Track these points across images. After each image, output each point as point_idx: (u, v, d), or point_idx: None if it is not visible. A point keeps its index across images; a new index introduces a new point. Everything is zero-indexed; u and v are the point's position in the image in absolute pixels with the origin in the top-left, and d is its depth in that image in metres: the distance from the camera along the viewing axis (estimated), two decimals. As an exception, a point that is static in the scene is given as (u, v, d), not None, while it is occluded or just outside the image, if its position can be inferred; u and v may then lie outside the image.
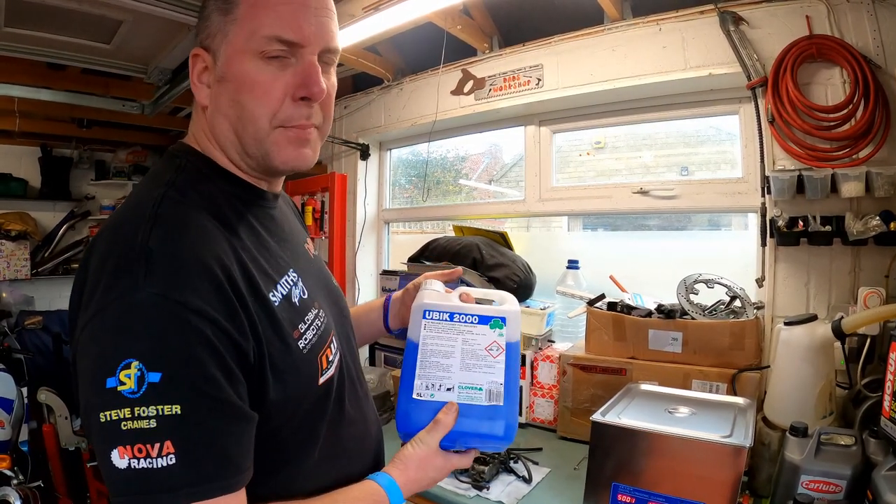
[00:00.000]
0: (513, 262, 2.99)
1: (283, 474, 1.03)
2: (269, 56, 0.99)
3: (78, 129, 5.32)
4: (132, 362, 0.79)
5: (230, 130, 1.04)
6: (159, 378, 0.80)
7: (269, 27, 0.98)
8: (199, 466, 0.82)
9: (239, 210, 1.06)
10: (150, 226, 0.89)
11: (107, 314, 0.83)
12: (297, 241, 1.23)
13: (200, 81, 1.06)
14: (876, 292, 2.02)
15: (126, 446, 0.78)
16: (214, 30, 1.02)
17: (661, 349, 2.27)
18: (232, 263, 0.93)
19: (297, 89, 1.01)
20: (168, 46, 2.99)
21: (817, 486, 1.54)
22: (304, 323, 1.05)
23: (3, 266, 5.25)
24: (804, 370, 1.83)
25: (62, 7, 2.55)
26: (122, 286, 0.84)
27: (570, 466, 2.17)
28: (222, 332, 0.86)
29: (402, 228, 4.37)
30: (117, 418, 0.79)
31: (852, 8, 2.21)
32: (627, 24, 2.75)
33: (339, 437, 1.13)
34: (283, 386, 0.97)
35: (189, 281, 0.86)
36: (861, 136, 2.12)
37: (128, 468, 0.78)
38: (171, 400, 0.80)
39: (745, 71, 2.38)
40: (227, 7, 1.01)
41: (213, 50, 1.03)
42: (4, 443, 3.45)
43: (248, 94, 1.00)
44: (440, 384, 1.19)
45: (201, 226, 0.94)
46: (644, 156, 3.21)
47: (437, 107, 3.46)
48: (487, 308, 1.26)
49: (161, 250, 0.86)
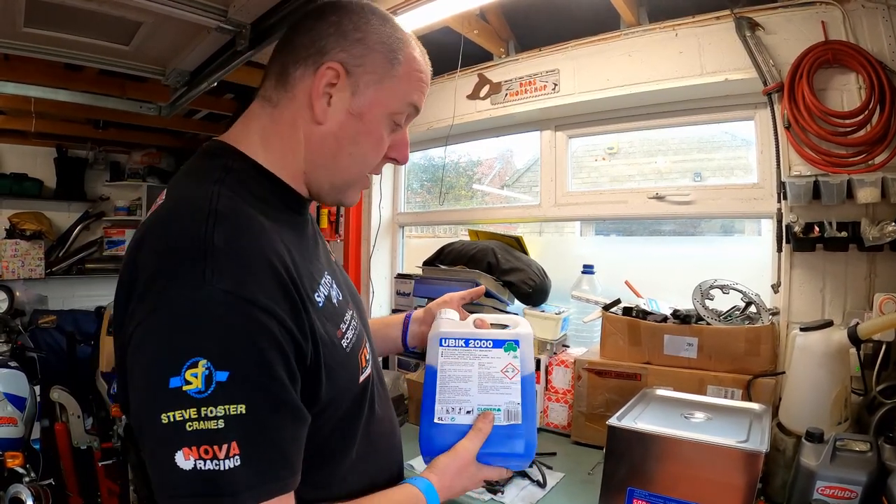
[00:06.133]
0: (528, 267, 2.98)
1: (323, 473, 1.04)
2: (397, 122, 1.10)
3: (93, 130, 5.38)
4: (200, 360, 0.78)
5: (320, 153, 1.08)
6: (227, 377, 0.79)
7: (415, 96, 1.10)
8: (261, 467, 0.81)
9: (284, 212, 1.07)
10: (211, 222, 0.87)
11: (168, 311, 0.82)
12: (325, 247, 1.27)
13: (323, 94, 1.05)
14: (891, 298, 2.02)
15: (192, 447, 0.77)
16: (371, 68, 1.06)
17: (676, 354, 2.27)
18: (289, 262, 0.93)
19: (392, 151, 1.13)
20: (187, 49, 2.99)
21: (832, 491, 1.54)
22: (344, 323, 1.07)
23: (17, 265, 5.29)
24: (820, 376, 1.82)
25: (82, 8, 2.56)
26: (184, 282, 0.82)
27: (585, 471, 2.17)
28: (287, 331, 0.87)
29: (416, 233, 4.37)
30: (182, 419, 0.77)
31: (868, 14, 2.21)
32: (644, 29, 2.76)
33: (371, 435, 1.15)
34: (332, 385, 0.98)
35: (256, 278, 0.85)
36: (877, 142, 2.12)
37: (193, 469, 0.77)
38: (238, 400, 0.79)
39: (761, 76, 2.38)
40: (392, 57, 1.07)
41: (358, 81, 1.05)
42: (17, 440, 3.48)
43: (371, 144, 1.09)
44: (460, 407, 1.23)
45: (260, 223, 0.94)
46: (658, 161, 3.21)
47: (453, 111, 3.47)
48: (501, 332, 1.32)
49: (226, 246, 0.85)
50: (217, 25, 2.54)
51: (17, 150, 5.52)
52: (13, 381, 3.66)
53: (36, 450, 3.83)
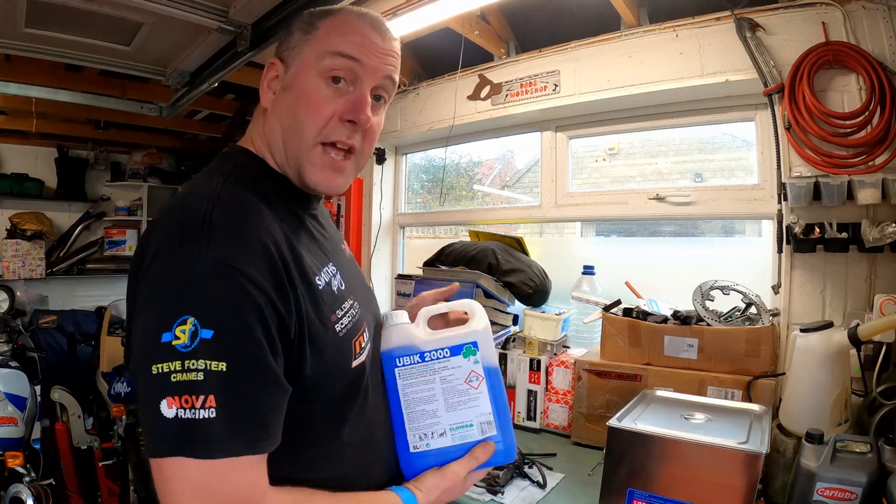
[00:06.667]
0: (528, 268, 2.99)
1: (307, 455, 1.08)
2: (331, 77, 1.12)
3: (94, 130, 5.39)
4: (188, 318, 0.87)
5: (280, 135, 1.15)
6: (211, 335, 0.87)
7: (338, 45, 1.12)
8: (234, 422, 0.88)
9: (288, 204, 1.16)
10: (211, 205, 0.97)
11: (169, 276, 0.92)
12: (336, 240, 1.33)
13: (269, 87, 1.18)
14: (892, 299, 2.02)
15: (174, 397, 0.86)
16: (293, 44, 1.16)
17: (676, 355, 2.27)
18: (282, 244, 1.01)
19: (346, 113, 1.12)
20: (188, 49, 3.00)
21: (832, 493, 1.54)
22: (341, 310, 1.12)
23: (18, 265, 5.30)
24: (820, 377, 1.82)
25: (83, 9, 2.56)
26: (184, 252, 0.92)
27: (585, 472, 2.17)
28: (270, 302, 0.94)
29: (416, 233, 4.38)
30: (168, 370, 0.86)
31: (868, 15, 2.21)
32: (644, 30, 2.76)
33: (365, 422, 1.18)
34: (319, 363, 1.03)
35: (246, 252, 0.94)
36: (877, 143, 2.12)
37: (174, 417, 0.85)
38: (219, 356, 0.87)
39: (762, 77, 2.38)
40: (308, 28, 1.16)
41: (286, 61, 1.16)
42: (17, 440, 3.47)
43: (304, 107, 1.12)
44: (432, 432, 1.21)
45: (257, 207, 1.03)
46: (658, 162, 3.21)
47: (454, 112, 3.47)
48: (455, 334, 1.26)
49: (222, 224, 0.95)
50: (218, 26, 2.55)
51: (18, 150, 5.53)
52: (14, 381, 3.66)
53: (36, 450, 3.83)
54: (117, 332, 4.55)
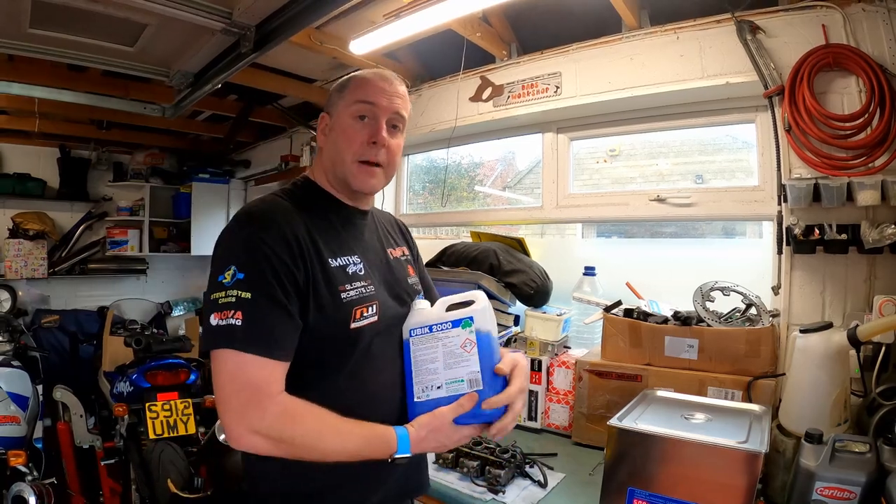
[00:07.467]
0: (529, 269, 2.99)
1: (314, 392, 1.39)
2: (358, 116, 1.54)
3: (97, 130, 5.40)
4: (232, 267, 1.33)
5: (330, 162, 1.60)
6: (243, 276, 1.32)
7: (360, 95, 1.55)
8: (252, 332, 1.30)
9: (324, 210, 1.58)
10: (257, 205, 1.48)
11: (225, 242, 1.40)
12: (372, 243, 1.69)
13: (321, 132, 1.64)
14: (891, 300, 2.03)
15: (218, 312, 1.31)
16: (333, 102, 1.60)
17: (676, 356, 2.28)
18: (300, 232, 1.42)
19: (370, 137, 1.54)
20: (192, 50, 3.01)
21: (832, 492, 1.55)
22: (350, 285, 1.48)
23: (20, 265, 5.32)
24: (819, 378, 1.84)
25: (87, 10, 2.57)
26: (234, 230, 1.41)
27: (586, 472, 2.18)
28: (283, 262, 1.35)
29: (418, 234, 4.36)
30: (216, 297, 1.32)
31: (868, 17, 2.23)
32: (645, 32, 2.77)
33: (365, 376, 1.50)
34: (321, 315, 1.41)
35: (270, 231, 1.38)
36: (877, 145, 2.13)
37: (217, 325, 1.30)
38: (246, 289, 1.31)
39: (762, 79, 2.39)
40: (341, 88, 1.61)
41: (331, 114, 1.61)
42: (20, 439, 3.48)
43: (343, 138, 1.55)
44: (432, 385, 1.49)
45: (286, 208, 1.47)
46: (659, 163, 3.22)
47: (456, 113, 3.49)
48: (459, 312, 1.54)
49: (258, 215, 1.43)
50: (222, 27, 2.56)
51: (20, 150, 5.55)
52: (16, 381, 3.67)
53: (38, 449, 3.84)
54: (119, 331, 4.57)
